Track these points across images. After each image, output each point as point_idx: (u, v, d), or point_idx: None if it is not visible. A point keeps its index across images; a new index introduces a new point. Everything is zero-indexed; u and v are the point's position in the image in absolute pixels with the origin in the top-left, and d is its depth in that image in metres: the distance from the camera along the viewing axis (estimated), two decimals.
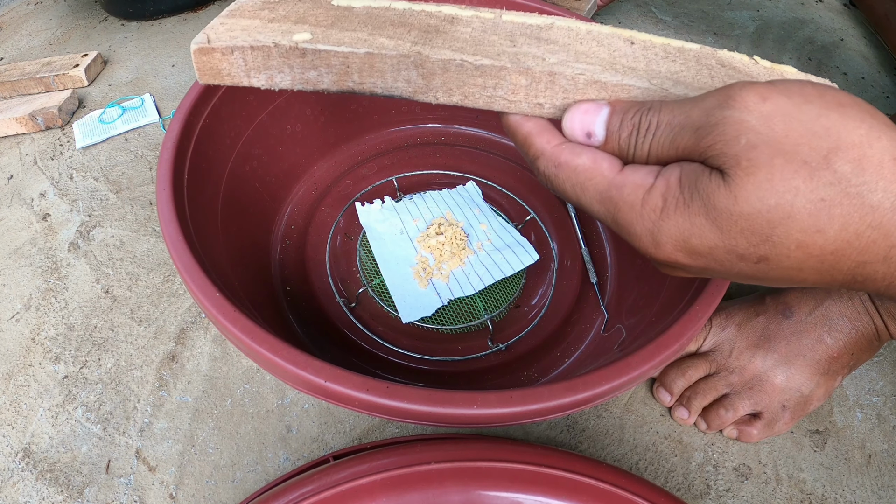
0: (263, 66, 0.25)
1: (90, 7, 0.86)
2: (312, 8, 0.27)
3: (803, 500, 0.41)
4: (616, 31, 0.25)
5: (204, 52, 0.25)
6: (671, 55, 0.24)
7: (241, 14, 0.27)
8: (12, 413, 0.45)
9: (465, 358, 0.45)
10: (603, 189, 0.21)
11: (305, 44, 0.24)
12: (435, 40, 0.24)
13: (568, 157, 0.22)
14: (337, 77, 0.25)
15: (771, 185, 0.17)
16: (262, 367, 0.30)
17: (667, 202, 0.19)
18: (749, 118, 0.17)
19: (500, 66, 0.23)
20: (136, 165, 0.62)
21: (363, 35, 0.24)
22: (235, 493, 0.41)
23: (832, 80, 0.76)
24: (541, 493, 0.29)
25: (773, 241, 0.18)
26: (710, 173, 0.18)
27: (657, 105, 0.20)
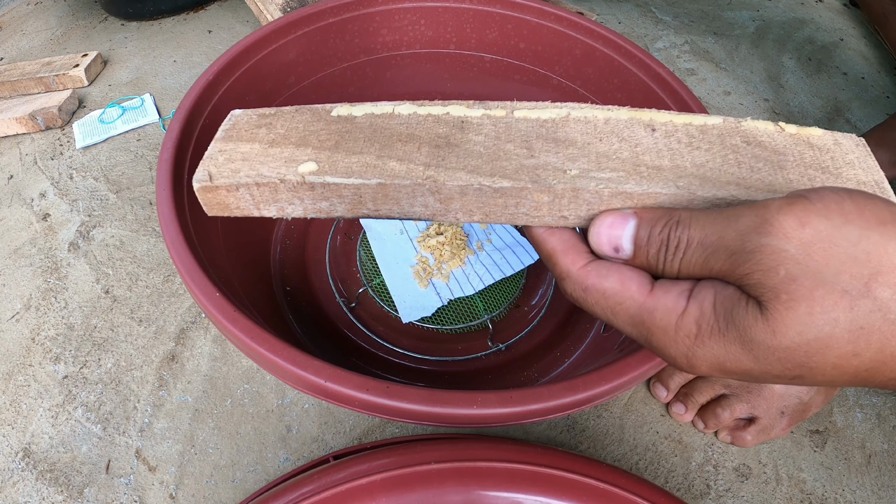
0: (272, 200, 0.23)
1: (90, 7, 0.86)
2: (312, 122, 0.25)
3: (803, 500, 0.41)
4: (635, 116, 0.24)
5: (208, 191, 0.23)
6: (695, 140, 0.22)
7: (238, 136, 0.25)
8: (12, 413, 0.45)
9: (465, 358, 0.45)
10: (634, 313, 0.20)
11: (312, 177, 0.22)
12: (448, 158, 0.22)
13: (595, 281, 0.21)
14: (351, 206, 0.23)
15: (811, 320, 0.17)
16: (262, 367, 0.30)
17: (701, 329, 0.19)
18: (788, 247, 0.17)
19: (521, 187, 0.21)
20: (136, 165, 0.62)
21: (371, 159, 0.23)
22: (235, 493, 0.41)
23: (832, 80, 0.76)
24: (541, 493, 0.29)
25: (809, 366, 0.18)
26: (747, 303, 0.18)
27: (686, 218, 0.19)
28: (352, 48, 0.52)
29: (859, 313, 0.17)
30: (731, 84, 0.74)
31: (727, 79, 0.75)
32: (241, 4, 0.84)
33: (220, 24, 0.82)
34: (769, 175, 0.21)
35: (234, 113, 0.26)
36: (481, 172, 0.22)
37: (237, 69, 0.45)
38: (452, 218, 0.23)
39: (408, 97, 0.58)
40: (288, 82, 0.50)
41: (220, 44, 0.78)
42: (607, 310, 0.21)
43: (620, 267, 0.21)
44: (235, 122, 0.26)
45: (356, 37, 0.52)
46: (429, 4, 0.52)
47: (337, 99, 0.54)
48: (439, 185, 0.22)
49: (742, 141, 0.22)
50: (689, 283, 0.20)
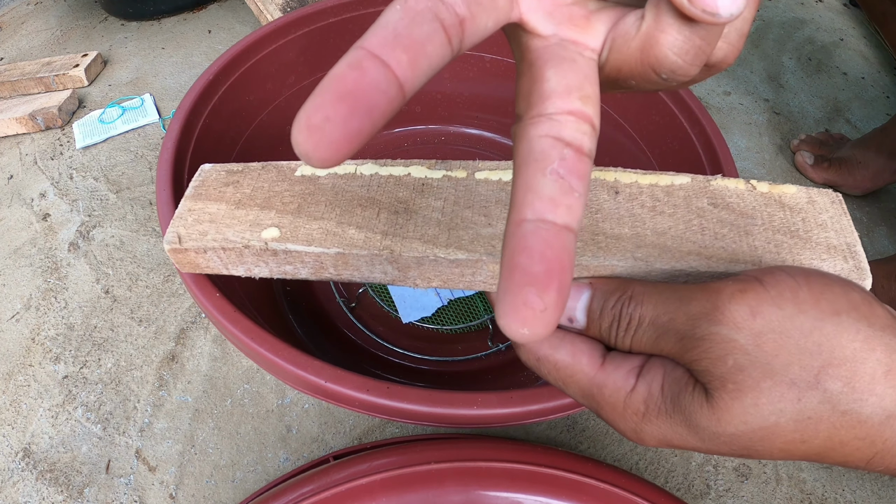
0: (239, 262, 0.24)
1: (90, 7, 0.86)
2: (277, 181, 0.26)
3: (803, 500, 0.41)
4: (599, 176, 0.23)
5: (177, 252, 0.24)
6: (659, 204, 0.22)
7: (206, 195, 0.26)
8: (12, 413, 0.45)
9: (465, 358, 0.45)
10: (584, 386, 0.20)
11: (275, 243, 0.23)
12: (406, 226, 0.23)
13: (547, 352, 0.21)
14: (313, 271, 0.24)
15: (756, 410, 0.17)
16: (262, 367, 0.30)
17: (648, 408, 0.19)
18: (738, 337, 0.17)
19: (476, 260, 0.21)
20: (136, 165, 0.62)
21: (331, 225, 0.23)
22: (235, 493, 0.41)
23: (832, 80, 0.76)
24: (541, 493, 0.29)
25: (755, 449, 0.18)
26: (694, 388, 0.18)
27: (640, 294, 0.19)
28: None
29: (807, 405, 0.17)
30: (731, 84, 0.74)
31: (727, 79, 0.75)
32: (241, 4, 0.84)
33: (220, 24, 0.82)
34: (733, 242, 0.20)
35: (204, 168, 0.27)
36: (437, 243, 0.22)
37: (237, 69, 0.45)
38: (411, 284, 0.23)
39: None
40: (288, 82, 0.50)
41: (220, 44, 0.78)
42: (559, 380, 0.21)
43: (573, 338, 0.20)
44: (204, 178, 0.26)
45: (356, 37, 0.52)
46: None
47: None
48: (396, 255, 0.22)
49: (709, 203, 0.22)
50: (639, 360, 0.20)
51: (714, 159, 0.40)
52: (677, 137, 0.44)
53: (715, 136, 0.40)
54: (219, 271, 0.25)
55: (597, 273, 0.21)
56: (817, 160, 0.62)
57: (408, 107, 0.59)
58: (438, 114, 0.60)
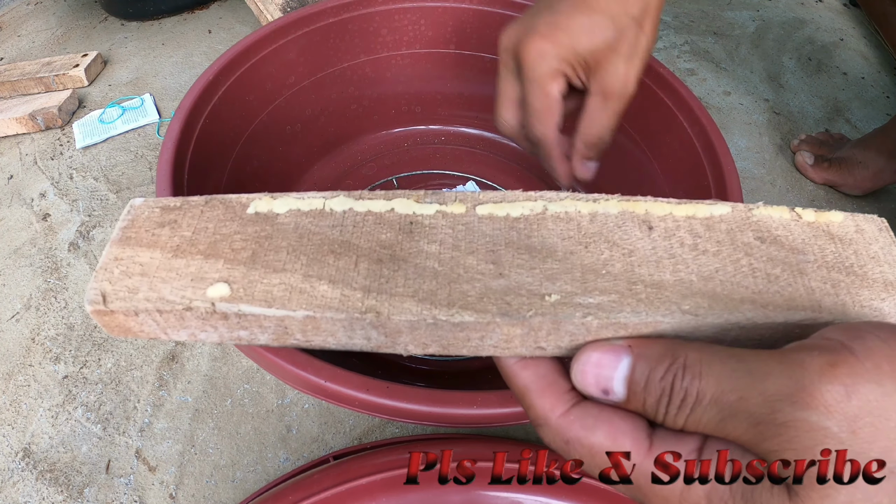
0: (180, 326, 0.19)
1: (90, 7, 0.86)
2: (224, 221, 0.20)
3: None
4: (627, 209, 0.19)
5: (103, 314, 0.19)
6: (700, 241, 0.19)
7: (137, 238, 0.20)
8: (12, 413, 0.45)
9: (465, 358, 0.45)
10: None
11: (225, 304, 0.18)
12: (394, 279, 0.18)
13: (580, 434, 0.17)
14: (275, 336, 0.19)
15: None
16: (262, 367, 0.30)
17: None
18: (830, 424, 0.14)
19: (487, 322, 0.17)
20: (136, 165, 0.62)
21: (296, 279, 0.18)
22: (235, 493, 0.41)
23: (832, 80, 0.76)
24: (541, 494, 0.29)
25: None
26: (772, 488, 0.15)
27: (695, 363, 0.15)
28: (352, 48, 0.52)
29: None
30: (731, 84, 0.74)
31: (727, 79, 0.75)
32: (241, 4, 0.84)
33: (220, 24, 0.82)
34: (788, 285, 0.18)
35: (134, 204, 0.21)
36: (436, 301, 0.17)
37: (237, 69, 0.45)
38: (402, 350, 0.19)
39: (408, 97, 0.58)
40: (288, 82, 0.50)
41: (220, 44, 0.78)
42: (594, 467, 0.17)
43: (610, 415, 0.17)
44: (135, 217, 0.21)
45: (356, 37, 0.52)
46: (429, 4, 0.52)
47: (337, 99, 0.55)
48: (383, 319, 0.17)
49: (755, 237, 0.19)
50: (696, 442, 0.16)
51: (714, 159, 0.40)
52: (677, 137, 0.44)
53: (715, 136, 0.40)
54: (156, 336, 0.20)
55: (637, 332, 0.17)
56: (817, 160, 0.62)
57: (408, 107, 0.59)
58: (438, 114, 0.60)
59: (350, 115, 0.56)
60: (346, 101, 0.55)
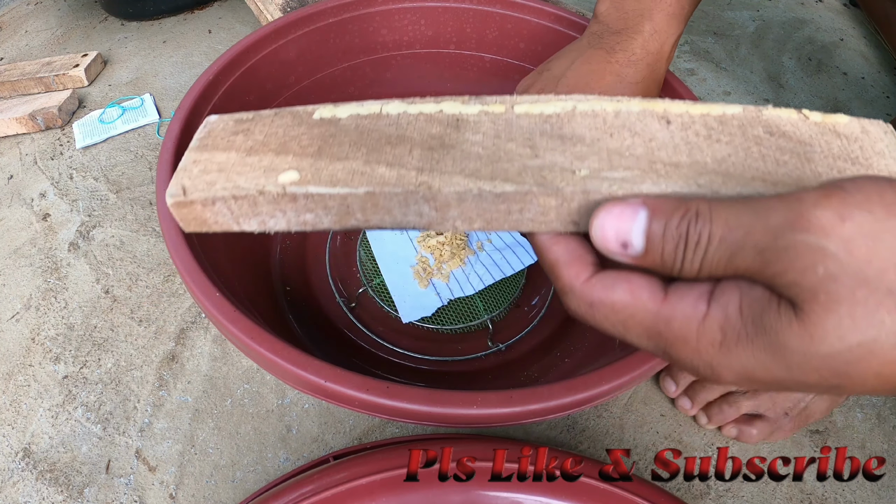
0: (252, 213, 0.21)
1: (90, 7, 0.86)
2: (292, 126, 0.23)
3: (803, 500, 0.41)
4: (647, 107, 0.22)
5: (182, 206, 0.21)
6: (713, 132, 0.21)
7: (213, 145, 0.23)
8: (12, 413, 0.45)
9: (465, 358, 0.45)
10: (649, 325, 0.18)
11: (294, 187, 0.20)
12: (444, 161, 0.20)
13: (601, 294, 0.19)
14: (338, 217, 0.21)
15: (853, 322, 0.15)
16: (262, 367, 0.30)
17: (726, 336, 0.17)
18: (828, 244, 0.15)
19: (526, 191, 0.19)
20: (136, 165, 0.62)
21: (358, 165, 0.21)
22: (235, 493, 0.41)
23: (832, 80, 0.76)
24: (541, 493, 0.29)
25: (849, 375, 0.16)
26: (779, 305, 0.16)
27: (706, 210, 0.17)
28: (352, 48, 0.52)
29: None
30: (731, 84, 0.74)
31: (727, 79, 0.75)
32: (241, 4, 0.84)
33: (220, 24, 0.82)
34: (796, 169, 0.19)
35: (210, 119, 0.24)
36: (481, 176, 0.20)
37: (237, 69, 0.45)
38: (450, 227, 0.21)
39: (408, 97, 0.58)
40: (288, 82, 0.50)
41: (220, 44, 0.78)
42: (618, 324, 0.19)
43: (629, 275, 0.19)
44: (211, 129, 0.24)
45: (356, 37, 0.52)
46: (429, 4, 0.52)
47: (337, 99, 0.54)
48: (434, 191, 0.20)
49: (765, 132, 0.21)
50: (707, 285, 0.18)
51: None
52: None
53: None
54: (228, 227, 0.22)
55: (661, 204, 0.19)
56: None
57: None
58: None
59: None
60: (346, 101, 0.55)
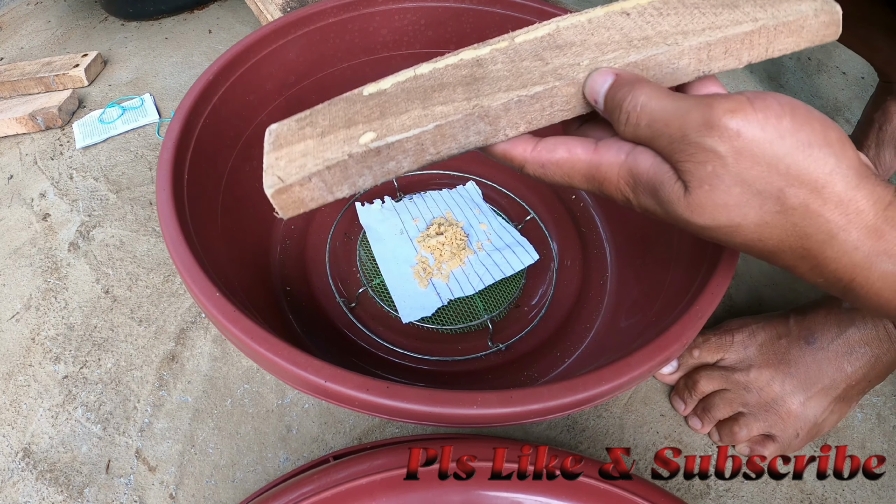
0: (344, 178, 0.25)
1: (90, 7, 0.86)
2: (349, 106, 0.27)
3: (803, 500, 0.41)
4: (608, 9, 0.27)
5: (282, 192, 0.25)
6: (662, 10, 0.27)
7: (286, 142, 0.27)
8: (12, 413, 0.45)
9: (465, 358, 0.45)
10: (585, 171, 0.24)
11: (376, 142, 0.24)
12: (482, 88, 0.25)
13: (547, 156, 0.25)
14: (415, 157, 0.25)
15: (725, 210, 0.21)
16: (262, 367, 0.30)
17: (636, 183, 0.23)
18: (721, 149, 0.20)
19: (552, 87, 0.24)
20: (136, 165, 0.62)
21: (418, 111, 0.25)
22: (235, 493, 0.41)
23: (832, 80, 0.76)
24: (541, 493, 0.29)
25: (719, 240, 0.23)
26: (675, 182, 0.22)
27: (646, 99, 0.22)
28: (352, 48, 0.52)
29: (767, 212, 0.21)
30: (730, 84, 0.74)
31: (727, 79, 0.75)
32: (241, 4, 0.84)
33: (220, 24, 0.82)
34: (730, 14, 0.25)
35: (272, 128, 0.28)
36: (514, 88, 0.25)
37: (237, 69, 0.45)
38: (502, 136, 0.25)
39: None
40: (288, 82, 0.50)
41: (220, 44, 0.78)
42: (565, 176, 0.25)
43: (566, 139, 0.25)
44: (277, 133, 0.28)
45: (356, 37, 0.52)
46: (429, 4, 0.52)
47: None
48: (486, 108, 0.24)
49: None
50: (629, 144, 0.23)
51: None
52: None
53: None
54: (323, 200, 0.26)
55: (645, 66, 0.25)
56: None
57: None
58: None
59: None
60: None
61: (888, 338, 0.39)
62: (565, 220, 0.54)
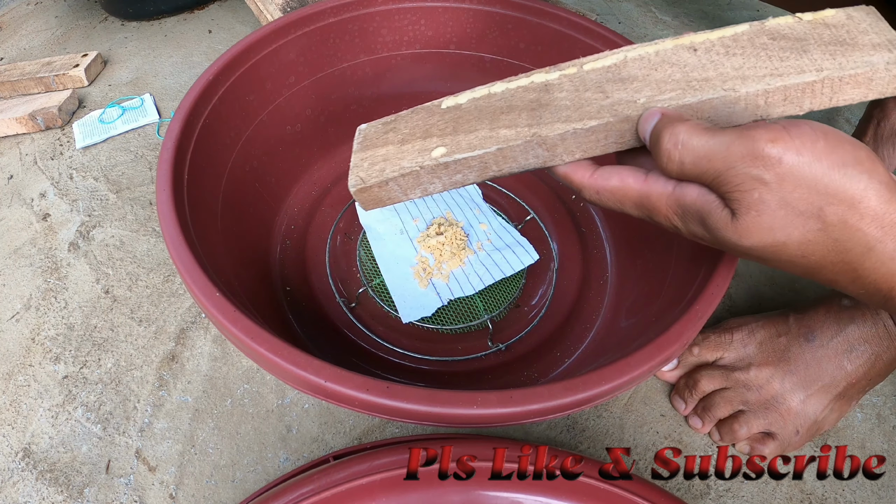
0: (416, 184, 0.29)
1: (90, 7, 0.86)
2: (428, 117, 0.30)
3: (803, 500, 0.41)
4: (677, 42, 0.28)
5: (363, 191, 0.29)
6: (730, 49, 0.26)
7: (372, 144, 0.31)
8: (12, 413, 0.45)
9: (465, 358, 0.45)
10: (635, 198, 0.26)
11: (445, 158, 0.28)
12: (544, 116, 0.27)
13: (602, 183, 0.27)
14: (479, 173, 0.28)
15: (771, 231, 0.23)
16: (262, 367, 0.30)
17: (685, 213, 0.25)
18: (765, 176, 0.22)
19: (606, 122, 0.26)
20: (136, 165, 0.62)
21: (485, 132, 0.28)
22: (235, 493, 0.41)
23: None
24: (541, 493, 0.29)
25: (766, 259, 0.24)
26: (723, 210, 0.23)
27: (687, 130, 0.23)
28: (352, 48, 0.52)
29: (809, 230, 0.22)
30: None
31: None
32: (241, 4, 0.84)
33: (220, 24, 0.82)
34: (796, 60, 0.25)
35: (361, 128, 0.32)
36: (572, 120, 0.27)
37: (237, 69, 0.45)
38: (559, 160, 0.28)
39: (408, 97, 0.58)
40: (288, 82, 0.50)
41: (220, 44, 0.78)
42: (617, 202, 0.27)
43: (619, 168, 0.26)
44: (365, 134, 0.32)
45: (356, 37, 0.52)
46: (429, 4, 0.52)
47: (337, 99, 0.55)
48: (544, 137, 0.27)
49: (769, 38, 0.26)
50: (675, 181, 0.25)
51: None
52: None
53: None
54: (398, 199, 0.30)
55: (700, 109, 0.25)
56: None
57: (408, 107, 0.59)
58: None
59: (350, 115, 0.56)
60: (346, 101, 0.55)
61: (888, 335, 0.39)
62: (565, 220, 0.54)
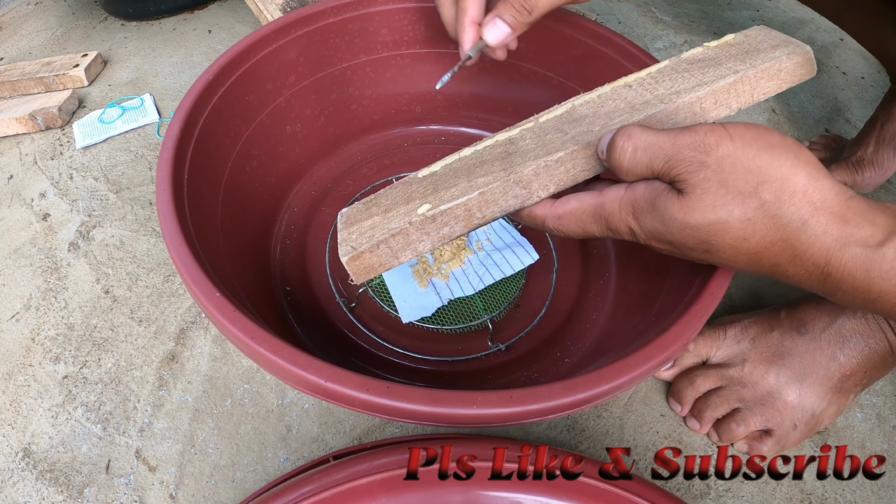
0: (406, 244, 0.30)
1: (90, 7, 0.86)
2: (407, 187, 0.33)
3: (803, 500, 0.41)
4: (615, 85, 0.33)
5: (355, 259, 0.30)
6: (658, 78, 0.32)
7: (356, 220, 0.33)
8: (12, 413, 0.45)
9: (465, 358, 0.45)
10: (594, 213, 0.28)
11: (431, 211, 0.30)
12: (515, 160, 0.30)
13: (561, 209, 0.29)
14: (465, 221, 0.30)
15: (714, 209, 0.25)
16: (262, 367, 0.30)
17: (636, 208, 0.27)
18: (707, 159, 0.25)
19: (571, 151, 0.29)
20: (136, 165, 0.62)
21: (465, 184, 0.30)
22: (235, 493, 0.41)
23: (832, 80, 0.76)
24: (541, 493, 0.29)
25: (712, 242, 0.26)
26: (670, 192, 0.26)
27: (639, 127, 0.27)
28: (352, 48, 0.52)
29: (748, 208, 0.24)
30: None
31: None
32: (241, 4, 0.84)
33: (220, 24, 0.82)
34: (715, 70, 0.30)
35: (343, 212, 0.35)
36: (541, 156, 0.29)
37: (237, 69, 0.45)
38: (535, 198, 0.30)
39: (408, 97, 0.58)
40: (288, 82, 0.50)
41: (220, 44, 0.78)
42: (578, 222, 0.29)
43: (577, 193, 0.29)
44: (348, 215, 0.34)
45: (356, 37, 0.52)
46: (429, 4, 0.52)
47: (336, 99, 0.55)
48: (520, 175, 0.29)
49: (687, 64, 0.32)
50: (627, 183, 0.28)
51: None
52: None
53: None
54: (390, 264, 0.31)
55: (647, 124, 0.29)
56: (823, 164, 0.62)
57: (408, 107, 0.59)
58: (438, 114, 0.60)
59: (350, 115, 0.56)
60: (346, 101, 0.55)
61: (878, 328, 0.39)
62: None
